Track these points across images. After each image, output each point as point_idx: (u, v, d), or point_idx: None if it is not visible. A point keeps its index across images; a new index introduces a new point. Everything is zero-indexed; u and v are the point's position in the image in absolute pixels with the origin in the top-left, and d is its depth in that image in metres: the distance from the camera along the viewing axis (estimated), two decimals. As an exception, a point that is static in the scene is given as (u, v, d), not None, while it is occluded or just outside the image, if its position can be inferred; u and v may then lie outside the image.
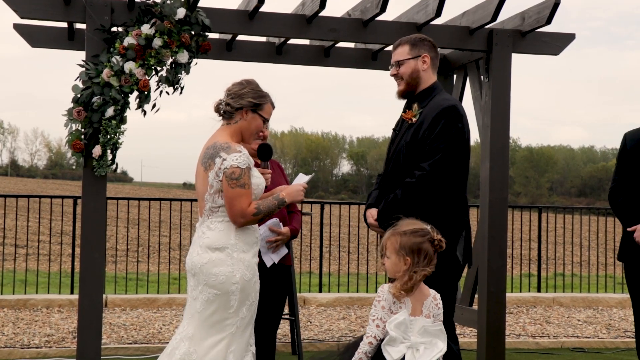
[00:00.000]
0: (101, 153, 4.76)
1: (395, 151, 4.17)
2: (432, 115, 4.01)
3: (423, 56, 4.18)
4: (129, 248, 15.43)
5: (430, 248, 3.45)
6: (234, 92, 3.82)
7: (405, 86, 4.21)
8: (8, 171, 78.74)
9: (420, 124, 4.05)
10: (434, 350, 3.38)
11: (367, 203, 4.33)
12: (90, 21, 4.85)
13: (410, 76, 4.18)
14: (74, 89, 4.78)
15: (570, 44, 5.73)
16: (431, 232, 3.46)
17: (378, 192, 4.28)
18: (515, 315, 8.89)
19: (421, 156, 4.00)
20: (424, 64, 4.18)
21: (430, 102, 4.10)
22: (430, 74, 4.21)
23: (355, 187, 75.63)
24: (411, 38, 4.25)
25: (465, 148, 4.06)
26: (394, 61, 4.24)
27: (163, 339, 7.07)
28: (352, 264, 13.79)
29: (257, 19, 5.18)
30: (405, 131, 4.14)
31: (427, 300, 3.48)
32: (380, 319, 3.39)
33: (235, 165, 3.63)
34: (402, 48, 4.22)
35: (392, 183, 4.13)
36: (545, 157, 74.48)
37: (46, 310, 8.43)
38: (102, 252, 4.91)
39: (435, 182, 3.95)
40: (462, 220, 4.10)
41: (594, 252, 14.45)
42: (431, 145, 3.97)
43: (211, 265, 3.64)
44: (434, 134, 3.97)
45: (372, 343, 3.38)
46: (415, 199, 3.97)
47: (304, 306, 9.08)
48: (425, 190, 3.96)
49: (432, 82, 4.21)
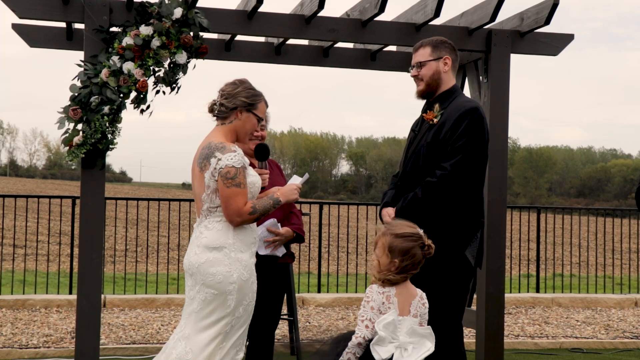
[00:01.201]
0: (80, 142, 4.72)
1: (415, 151, 4.18)
2: (455, 116, 4.05)
3: (444, 58, 4.23)
4: (128, 248, 15.43)
5: (420, 253, 3.50)
6: (227, 93, 3.83)
7: (425, 87, 4.25)
8: (7, 171, 78.72)
9: (442, 125, 4.08)
10: (421, 349, 3.42)
11: (382, 202, 4.35)
12: (89, 21, 4.84)
13: (431, 77, 4.23)
14: (71, 88, 4.77)
15: (569, 44, 5.73)
16: (423, 238, 3.51)
17: (395, 192, 4.29)
18: (514, 315, 8.89)
19: (442, 156, 4.03)
20: (445, 66, 4.23)
21: (452, 104, 4.14)
22: (450, 75, 4.26)
23: (354, 187, 75.67)
24: (433, 40, 4.29)
25: (486, 149, 4.10)
26: (415, 62, 4.27)
27: (161, 339, 7.06)
28: (351, 264, 13.79)
29: (255, 19, 5.18)
30: (426, 132, 4.17)
31: (414, 300, 3.52)
32: (369, 319, 3.42)
33: (230, 164, 3.64)
34: (424, 50, 4.26)
35: (411, 183, 4.14)
36: (544, 157, 74.52)
37: (45, 310, 8.43)
38: (101, 252, 4.90)
39: (457, 182, 3.98)
40: (477, 221, 4.12)
41: (592, 253, 14.45)
42: (453, 145, 4.00)
43: (209, 265, 3.65)
44: (456, 135, 4.01)
45: (360, 344, 3.41)
46: (435, 199, 3.99)
47: (302, 306, 9.07)
48: (446, 190, 3.98)
49: (453, 84, 4.27)
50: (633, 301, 9.89)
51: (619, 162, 71.28)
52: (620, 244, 13.02)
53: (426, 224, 3.76)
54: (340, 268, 13.96)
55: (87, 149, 4.71)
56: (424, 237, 3.52)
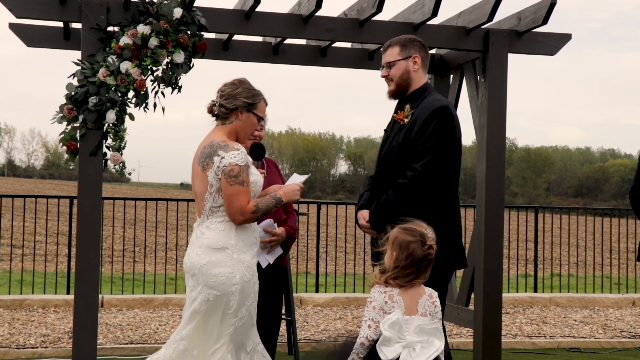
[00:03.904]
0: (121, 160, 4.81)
1: (387, 152, 4.16)
2: (424, 116, 4.00)
3: (414, 57, 4.17)
4: (126, 248, 15.42)
5: (418, 250, 3.44)
6: (227, 93, 3.81)
7: (396, 87, 4.21)
8: (5, 171, 78.65)
9: (412, 125, 4.04)
10: (430, 349, 3.37)
11: (358, 204, 4.32)
12: (86, 20, 4.84)
13: (401, 77, 4.17)
14: (68, 87, 4.76)
15: (566, 44, 5.73)
16: (425, 237, 3.46)
17: (370, 194, 4.26)
18: (511, 315, 8.90)
19: (413, 157, 3.98)
20: (414, 65, 4.17)
21: (422, 103, 4.09)
22: (421, 74, 4.20)
23: (352, 187, 75.63)
24: (401, 39, 4.23)
25: (456, 149, 4.05)
26: (385, 62, 4.23)
27: (159, 339, 7.06)
28: (349, 264, 13.80)
29: (253, 19, 5.18)
30: (397, 132, 4.13)
31: (422, 299, 3.47)
32: (372, 319, 3.39)
33: (234, 162, 3.63)
34: (393, 49, 4.21)
35: (383, 184, 4.12)
36: (542, 157, 74.55)
37: (42, 310, 8.42)
38: (98, 252, 4.90)
39: (427, 182, 3.94)
40: (453, 220, 4.09)
41: (590, 253, 14.45)
42: (423, 145, 3.96)
43: (211, 266, 3.63)
44: (426, 135, 3.96)
45: (364, 344, 3.38)
46: (407, 200, 3.95)
47: (300, 306, 9.07)
48: (417, 190, 3.94)
49: (423, 82, 4.21)
50: (630, 301, 9.90)
51: (617, 162, 71.35)
52: (618, 243, 13.03)
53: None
54: (338, 268, 13.95)
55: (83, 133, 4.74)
56: (427, 237, 3.47)
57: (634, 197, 4.76)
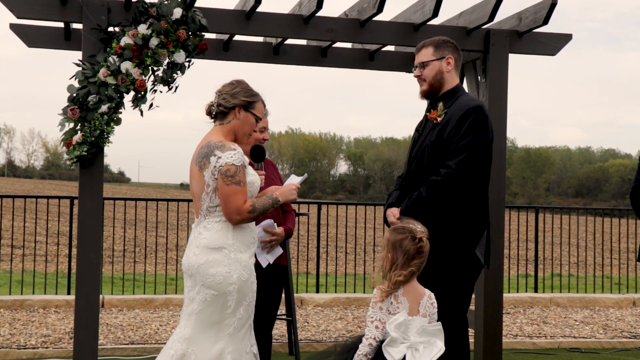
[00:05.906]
0: (80, 141, 4.72)
1: (419, 151, 4.18)
2: (459, 114, 4.04)
3: (447, 58, 4.23)
4: (126, 248, 15.42)
5: (411, 246, 3.46)
6: (225, 93, 3.83)
7: (429, 87, 4.25)
8: (5, 172, 78.64)
9: (446, 124, 4.07)
10: (433, 349, 3.40)
11: (387, 203, 4.33)
12: (87, 21, 4.84)
13: (434, 77, 4.22)
14: (69, 88, 4.77)
15: (567, 44, 5.74)
16: (414, 231, 3.48)
17: (399, 192, 4.28)
18: (512, 315, 8.90)
19: (447, 155, 4.02)
20: (447, 66, 4.22)
21: (456, 102, 4.14)
22: (453, 75, 4.25)
23: (352, 187, 75.65)
24: (435, 40, 4.29)
25: (490, 148, 4.09)
26: (418, 62, 4.27)
27: (160, 340, 7.06)
28: (349, 264, 13.80)
29: (254, 19, 5.18)
30: (430, 131, 4.16)
31: (422, 300, 3.50)
32: (379, 320, 3.40)
33: (230, 162, 3.64)
34: (426, 50, 4.26)
35: (415, 182, 4.13)
36: (542, 157, 74.55)
37: (43, 310, 8.42)
38: (99, 253, 4.90)
39: (461, 180, 3.96)
40: (483, 219, 4.11)
41: (590, 253, 14.45)
42: (457, 144, 3.99)
43: (208, 266, 3.64)
44: (460, 133, 4.00)
45: (372, 345, 3.39)
46: (440, 197, 3.97)
47: (301, 307, 9.07)
48: (450, 188, 3.96)
49: (456, 83, 4.26)
50: (631, 301, 9.90)
51: (617, 162, 71.32)
52: (619, 243, 13.03)
53: (432, 223, 3.76)
54: (338, 268, 13.96)
55: (87, 148, 4.70)
56: (416, 231, 3.49)
57: (634, 198, 4.77)
